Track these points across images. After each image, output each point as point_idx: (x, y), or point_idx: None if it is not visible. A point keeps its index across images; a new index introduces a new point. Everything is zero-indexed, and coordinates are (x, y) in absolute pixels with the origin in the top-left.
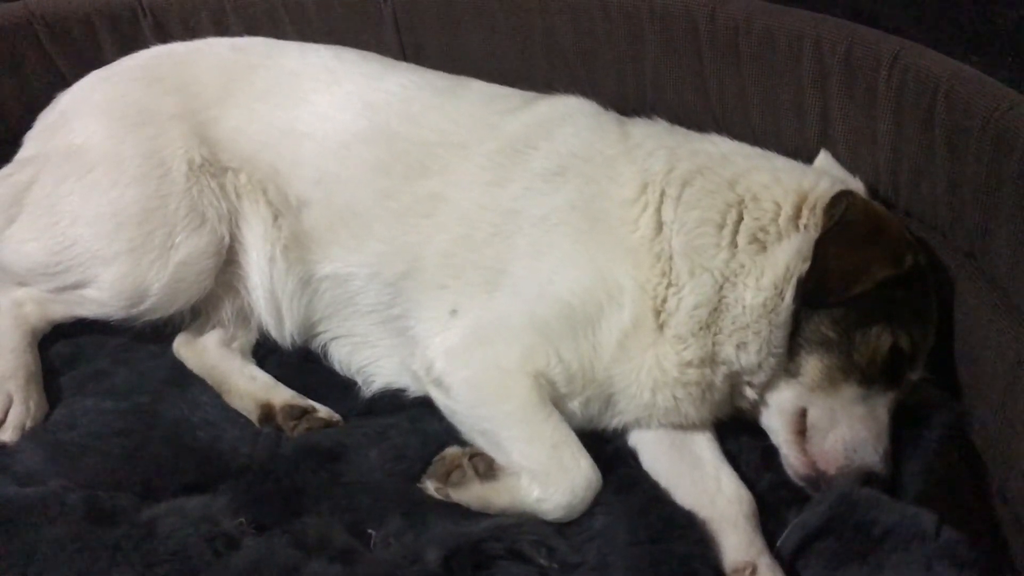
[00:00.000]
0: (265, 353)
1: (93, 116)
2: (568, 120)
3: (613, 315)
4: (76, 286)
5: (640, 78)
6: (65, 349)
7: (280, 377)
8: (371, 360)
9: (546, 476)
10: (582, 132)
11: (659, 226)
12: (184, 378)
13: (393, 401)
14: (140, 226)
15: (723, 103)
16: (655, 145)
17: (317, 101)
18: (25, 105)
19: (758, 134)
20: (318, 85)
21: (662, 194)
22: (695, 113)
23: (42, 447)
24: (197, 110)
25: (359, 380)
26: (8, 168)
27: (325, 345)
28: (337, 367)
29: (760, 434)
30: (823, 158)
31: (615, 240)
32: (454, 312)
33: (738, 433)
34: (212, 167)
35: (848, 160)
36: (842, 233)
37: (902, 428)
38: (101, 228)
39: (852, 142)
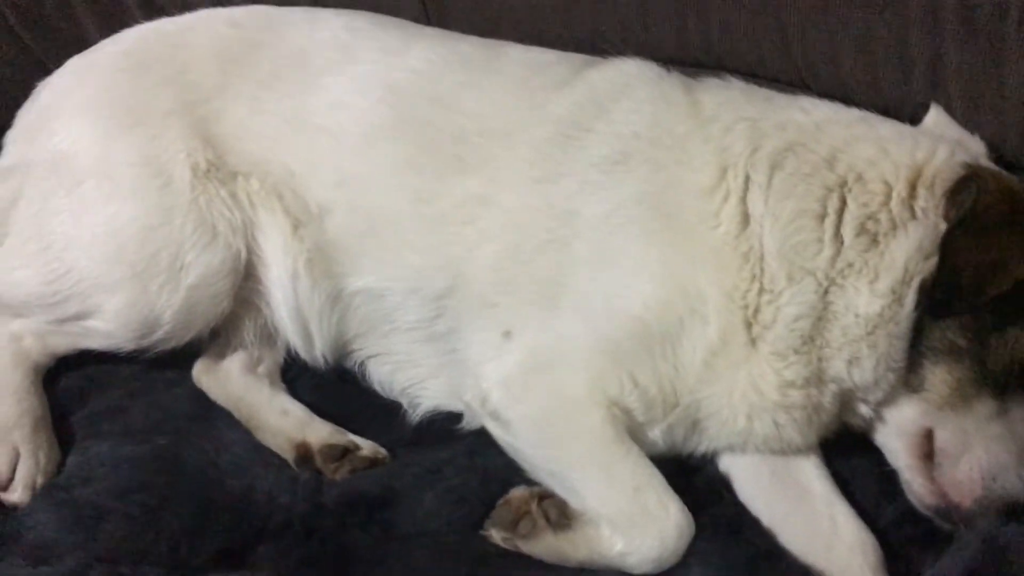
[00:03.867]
0: (296, 373)
1: (77, 116)
2: (626, 92)
3: (696, 330)
4: (78, 317)
5: (705, 26)
6: (73, 382)
7: (315, 402)
8: (415, 380)
9: (629, 525)
10: (644, 106)
11: (745, 219)
12: (207, 411)
13: (444, 428)
14: (143, 247)
15: (806, 51)
16: (733, 117)
17: (330, 85)
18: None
19: (850, 87)
20: (330, 65)
21: (747, 180)
22: (773, 64)
23: (56, 509)
24: (196, 103)
25: (404, 402)
26: None
27: (363, 364)
28: (378, 388)
29: (874, 452)
30: (934, 115)
31: (693, 239)
32: (508, 334)
33: (848, 452)
34: (219, 172)
35: (965, 116)
36: (973, 224)
37: None
38: (99, 252)
39: (971, 93)
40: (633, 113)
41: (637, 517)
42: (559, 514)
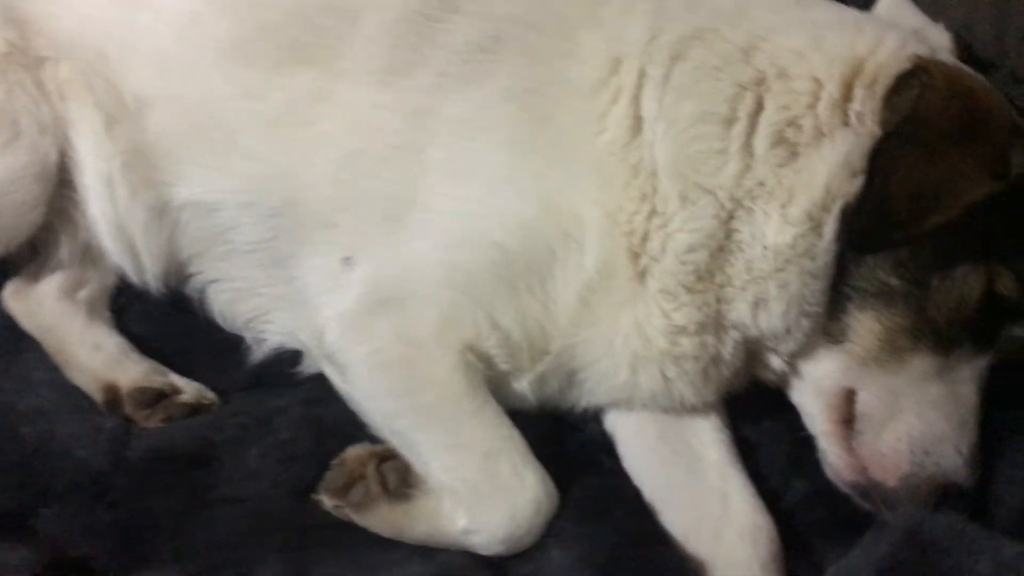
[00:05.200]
0: (128, 300)
1: None
2: None
3: (570, 260)
4: None
5: None
6: None
7: (145, 335)
8: (258, 312)
9: (476, 498)
10: None
11: (637, 124)
12: (17, 344)
13: (290, 368)
14: None
15: None
16: None
17: None
18: None
19: None
20: None
21: (641, 75)
22: None
23: None
24: None
25: (247, 337)
26: None
27: (202, 290)
28: (219, 320)
29: (793, 412)
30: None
31: (571, 148)
32: (348, 260)
33: (758, 413)
34: (24, 56)
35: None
36: (914, 132)
37: (1000, 412)
38: None
39: None
40: None
41: (485, 488)
42: (399, 480)
